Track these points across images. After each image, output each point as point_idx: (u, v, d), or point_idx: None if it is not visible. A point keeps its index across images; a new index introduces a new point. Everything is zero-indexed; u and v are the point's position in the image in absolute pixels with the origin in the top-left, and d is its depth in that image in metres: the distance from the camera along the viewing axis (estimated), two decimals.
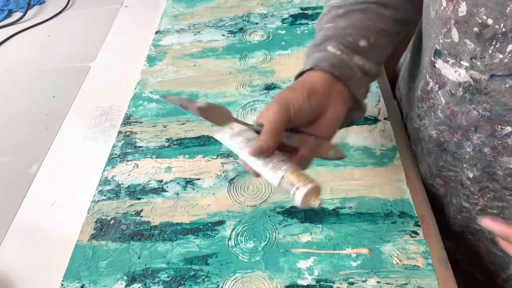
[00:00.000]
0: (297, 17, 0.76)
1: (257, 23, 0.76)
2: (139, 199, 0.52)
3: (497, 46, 0.34)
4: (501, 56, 0.35)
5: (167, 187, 0.53)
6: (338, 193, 0.49)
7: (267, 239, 0.46)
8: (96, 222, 0.50)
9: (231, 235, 0.47)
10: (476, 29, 0.35)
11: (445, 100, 0.43)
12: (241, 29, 0.76)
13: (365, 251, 0.43)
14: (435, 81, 0.44)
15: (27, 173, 0.59)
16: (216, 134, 0.40)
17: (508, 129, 0.38)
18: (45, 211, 0.54)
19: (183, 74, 0.68)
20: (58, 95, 0.72)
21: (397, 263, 0.42)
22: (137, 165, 0.56)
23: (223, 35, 0.75)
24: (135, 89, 0.67)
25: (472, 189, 0.46)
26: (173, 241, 0.47)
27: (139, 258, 0.46)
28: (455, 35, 0.37)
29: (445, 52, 0.40)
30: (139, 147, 0.58)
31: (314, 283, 0.42)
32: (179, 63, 0.71)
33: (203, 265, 0.45)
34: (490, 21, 0.34)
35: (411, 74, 0.54)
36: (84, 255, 0.47)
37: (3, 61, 0.82)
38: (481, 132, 0.41)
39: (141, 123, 0.61)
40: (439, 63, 0.41)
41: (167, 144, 0.58)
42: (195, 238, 0.47)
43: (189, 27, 0.78)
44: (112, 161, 0.57)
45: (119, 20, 0.88)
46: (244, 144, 0.37)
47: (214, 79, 0.67)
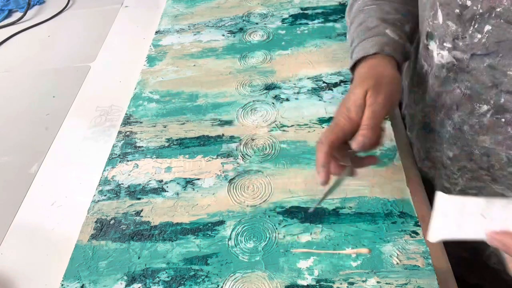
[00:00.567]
0: (297, 17, 0.76)
1: (257, 23, 0.76)
2: (139, 199, 0.52)
3: (475, 26, 0.36)
4: (479, 36, 0.37)
5: (167, 187, 0.53)
6: (338, 193, 0.49)
7: (267, 239, 0.46)
8: (96, 222, 0.50)
9: (231, 235, 0.47)
10: (457, 11, 0.37)
11: (432, 81, 0.45)
12: (241, 29, 0.76)
13: (365, 251, 0.43)
14: (428, 63, 0.46)
15: (27, 173, 0.59)
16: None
17: (484, 107, 0.40)
18: (45, 211, 0.54)
19: (183, 74, 0.68)
20: (58, 95, 0.72)
21: (397, 263, 0.42)
22: (137, 165, 0.56)
23: (223, 35, 0.75)
24: (135, 89, 0.67)
25: (452, 169, 0.48)
26: (173, 241, 0.47)
27: (139, 258, 0.46)
28: (440, 18, 0.40)
29: (435, 33, 0.42)
30: (139, 147, 0.58)
31: (314, 283, 0.42)
32: (179, 63, 0.71)
33: (203, 265, 0.45)
34: (469, 2, 0.36)
35: (412, 62, 0.55)
36: (84, 255, 0.47)
37: (3, 61, 0.82)
38: (462, 110, 0.43)
39: (141, 123, 0.61)
40: (431, 45, 0.43)
41: (167, 144, 0.58)
42: (195, 238, 0.47)
43: (189, 27, 0.78)
44: (112, 161, 0.57)
45: (119, 20, 0.88)
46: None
47: (214, 79, 0.67)
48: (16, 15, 0.94)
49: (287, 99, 0.61)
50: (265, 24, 0.76)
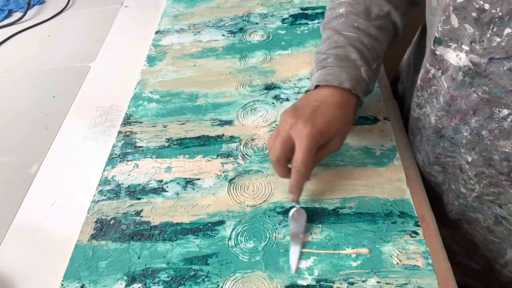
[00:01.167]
0: (297, 17, 0.76)
1: (257, 23, 0.76)
2: (139, 199, 0.52)
3: (494, 30, 0.36)
4: (498, 39, 0.36)
5: (167, 187, 0.53)
6: (338, 193, 0.49)
7: (267, 239, 0.46)
8: (96, 222, 0.50)
9: (231, 235, 0.47)
10: (474, 14, 0.36)
11: (447, 84, 0.44)
12: (241, 29, 0.76)
13: (365, 251, 0.43)
14: (437, 67, 0.45)
15: (27, 173, 0.59)
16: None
17: (504, 112, 0.39)
18: (45, 211, 0.54)
19: (183, 74, 0.68)
20: (58, 95, 0.72)
21: (397, 263, 0.42)
22: (137, 165, 0.56)
23: (223, 35, 0.75)
24: (135, 89, 0.67)
25: (469, 173, 0.47)
26: (173, 241, 0.47)
27: (139, 258, 0.46)
28: (455, 21, 0.39)
29: (446, 38, 0.41)
30: (139, 147, 0.58)
31: (314, 283, 0.42)
32: (179, 63, 0.71)
33: (203, 265, 0.45)
34: (487, 6, 0.35)
35: (415, 66, 0.55)
36: (84, 255, 0.47)
37: (3, 61, 0.82)
38: (480, 115, 0.42)
39: (141, 123, 0.61)
40: (440, 50, 0.43)
41: (167, 144, 0.58)
42: (195, 238, 0.47)
43: (189, 27, 0.78)
44: (112, 161, 0.57)
45: (119, 20, 0.88)
46: None
47: (214, 79, 0.67)
48: (16, 15, 0.94)
49: (287, 99, 0.61)
50: (265, 24, 0.76)
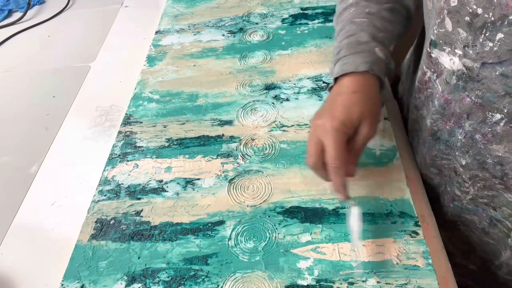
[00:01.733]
0: (297, 17, 0.76)
1: (257, 23, 0.76)
2: (139, 199, 0.52)
3: (487, 34, 0.36)
4: (491, 44, 0.36)
5: (167, 187, 0.53)
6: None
7: (267, 239, 0.46)
8: (96, 222, 0.50)
9: (231, 235, 0.47)
10: (467, 18, 0.36)
11: (442, 88, 0.44)
12: (241, 29, 0.76)
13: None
14: (432, 70, 0.45)
15: (27, 173, 0.59)
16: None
17: (497, 116, 0.39)
18: (45, 211, 0.54)
19: (183, 74, 0.68)
20: (58, 95, 0.72)
21: (397, 263, 0.42)
22: (137, 165, 0.56)
23: (223, 35, 0.75)
24: (135, 89, 0.67)
25: (463, 177, 0.47)
26: (173, 241, 0.47)
27: (139, 258, 0.46)
28: (449, 25, 0.39)
29: (440, 41, 0.41)
30: (139, 147, 0.58)
31: (314, 283, 0.42)
32: (179, 63, 0.71)
33: (203, 265, 0.45)
34: (479, 11, 0.35)
35: (414, 67, 0.55)
36: (84, 255, 0.47)
37: (3, 61, 0.82)
38: (473, 119, 0.42)
39: (141, 123, 0.61)
40: (435, 53, 0.43)
41: (167, 144, 0.58)
42: (195, 238, 0.47)
43: (189, 27, 0.78)
44: (112, 161, 0.57)
45: (119, 20, 0.88)
46: None
47: (214, 79, 0.67)
48: (16, 15, 0.94)
49: (287, 99, 0.61)
50: (265, 24, 0.76)
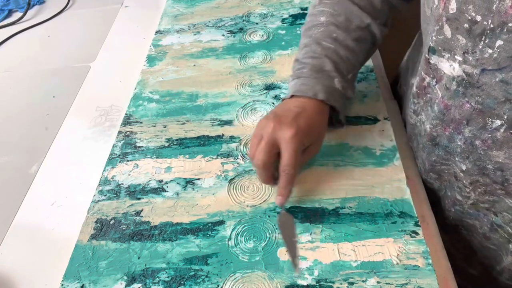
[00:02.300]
0: (297, 17, 0.76)
1: (257, 23, 0.76)
2: (139, 199, 0.52)
3: (486, 41, 0.36)
4: (490, 51, 0.36)
5: (167, 187, 0.53)
6: (338, 193, 0.49)
7: (267, 239, 0.46)
8: (96, 222, 0.50)
9: (231, 235, 0.47)
10: (466, 25, 0.36)
11: (441, 93, 0.44)
12: (241, 29, 0.76)
13: None
14: (431, 76, 0.45)
15: (27, 173, 0.59)
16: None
17: (497, 122, 0.39)
18: (45, 211, 0.54)
19: (183, 74, 0.68)
20: (58, 95, 0.72)
21: (397, 263, 0.42)
22: (137, 165, 0.56)
23: (223, 35, 0.75)
24: (135, 89, 0.67)
25: (464, 182, 0.47)
26: (173, 241, 0.47)
27: (139, 258, 0.46)
28: (448, 32, 0.39)
29: (439, 48, 0.41)
30: (139, 147, 0.58)
31: (314, 283, 0.42)
32: (179, 63, 0.71)
33: (203, 265, 0.45)
34: (478, 18, 0.35)
35: (412, 71, 0.55)
36: (84, 255, 0.47)
37: (3, 61, 0.82)
38: (473, 125, 0.42)
39: (141, 123, 0.61)
40: (434, 59, 0.43)
41: (167, 144, 0.58)
42: (195, 238, 0.47)
43: (189, 27, 0.78)
44: (112, 161, 0.57)
45: (119, 20, 0.88)
46: None
47: (214, 79, 0.67)
48: (16, 15, 0.94)
49: None
50: (265, 24, 0.76)
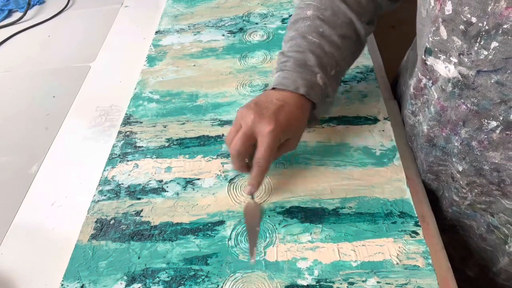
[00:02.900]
0: None
1: (257, 23, 0.76)
2: (139, 199, 0.52)
3: (481, 43, 0.36)
4: (485, 52, 0.36)
5: (167, 187, 0.53)
6: (338, 193, 0.49)
7: (267, 239, 0.46)
8: (96, 222, 0.50)
9: (231, 235, 0.47)
10: (462, 27, 0.37)
11: (437, 95, 0.44)
12: (241, 29, 0.76)
13: None
14: (428, 77, 0.45)
15: (27, 173, 0.59)
16: None
17: (493, 123, 0.39)
18: (45, 211, 0.54)
19: (183, 74, 0.68)
20: (58, 95, 0.72)
21: (397, 263, 0.42)
22: (137, 165, 0.56)
23: (223, 35, 0.75)
24: (135, 89, 0.67)
25: (461, 183, 0.47)
26: (173, 241, 0.47)
27: (139, 258, 0.46)
28: (444, 33, 0.39)
29: (436, 49, 0.41)
30: (139, 147, 0.58)
31: (314, 283, 0.42)
32: (179, 63, 0.71)
33: (203, 265, 0.45)
34: (474, 19, 0.35)
35: (410, 72, 0.55)
36: (84, 255, 0.47)
37: (3, 61, 0.82)
38: (469, 126, 0.42)
39: (141, 123, 0.61)
40: (431, 60, 0.43)
41: (167, 144, 0.58)
42: (195, 238, 0.47)
43: (189, 27, 0.78)
44: (112, 161, 0.57)
45: (119, 20, 0.88)
46: None
47: (214, 79, 0.67)
48: (16, 15, 0.94)
49: None
50: (265, 24, 0.76)
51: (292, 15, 0.56)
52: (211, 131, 0.58)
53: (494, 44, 0.35)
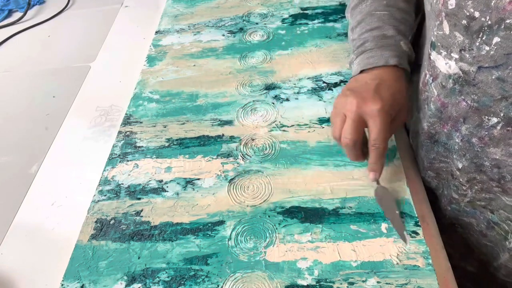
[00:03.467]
0: (297, 17, 0.76)
1: (257, 23, 0.76)
2: (139, 199, 0.52)
3: (483, 38, 0.36)
4: (487, 48, 0.36)
5: (167, 187, 0.53)
6: (338, 193, 0.49)
7: (267, 239, 0.46)
8: (96, 222, 0.50)
9: (231, 235, 0.47)
10: (464, 22, 0.36)
11: (437, 92, 0.44)
12: (241, 29, 0.76)
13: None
14: (430, 73, 0.45)
15: (27, 173, 0.59)
16: None
17: (494, 120, 0.39)
18: (45, 211, 0.54)
19: (183, 74, 0.68)
20: (58, 95, 0.72)
21: (397, 263, 0.42)
22: (137, 165, 0.56)
23: (223, 35, 0.75)
24: (135, 89, 0.67)
25: (461, 180, 0.47)
26: (173, 241, 0.47)
27: (139, 258, 0.46)
28: (446, 28, 0.39)
29: (439, 44, 0.41)
30: (139, 147, 0.58)
31: (314, 283, 0.42)
32: (179, 63, 0.71)
33: (203, 265, 0.45)
34: (477, 14, 0.35)
35: (413, 68, 0.55)
36: (84, 255, 0.47)
37: (3, 61, 0.82)
38: (469, 122, 0.42)
39: (141, 123, 0.61)
40: (433, 55, 0.43)
41: (167, 144, 0.58)
42: (195, 238, 0.47)
43: (189, 27, 0.78)
44: (112, 161, 0.57)
45: (119, 20, 0.88)
46: None
47: (214, 79, 0.67)
48: (16, 15, 0.94)
49: (287, 99, 0.61)
50: (265, 24, 0.76)
51: (349, 3, 0.56)
52: (211, 131, 0.58)
53: (496, 39, 0.35)
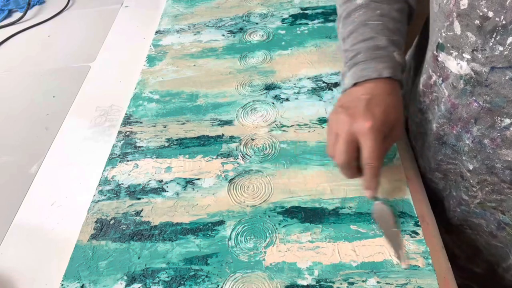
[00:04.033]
0: (297, 17, 0.76)
1: (257, 23, 0.76)
2: (139, 199, 0.52)
3: (497, 38, 0.35)
4: (501, 48, 0.35)
5: (167, 187, 0.53)
6: (338, 193, 0.49)
7: (267, 239, 0.46)
8: (96, 222, 0.50)
9: (231, 235, 0.47)
10: (477, 22, 0.36)
11: (448, 92, 0.44)
12: (241, 29, 0.76)
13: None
14: (438, 74, 0.45)
15: (27, 173, 0.59)
16: None
17: (507, 121, 0.39)
18: (45, 211, 0.54)
19: (183, 74, 0.68)
20: (58, 95, 0.72)
21: (397, 263, 0.42)
22: (137, 165, 0.56)
23: (223, 35, 0.75)
24: (135, 89, 0.67)
25: (471, 181, 0.47)
26: (173, 241, 0.47)
27: (139, 258, 0.46)
28: (457, 28, 0.38)
29: (448, 45, 0.41)
30: (139, 147, 0.58)
31: (314, 283, 0.42)
32: (179, 63, 0.71)
33: (203, 265, 0.45)
34: (490, 14, 0.34)
35: (416, 70, 0.55)
36: (84, 255, 0.47)
37: (3, 61, 0.82)
38: (481, 124, 0.41)
39: (141, 123, 0.61)
40: (442, 56, 0.42)
41: (167, 144, 0.58)
42: (195, 238, 0.47)
43: (189, 27, 0.78)
44: (112, 161, 0.57)
45: (119, 20, 0.88)
46: None
47: (214, 79, 0.67)
48: (16, 15, 0.94)
49: (287, 99, 0.61)
50: (265, 24, 0.76)
51: (339, 12, 0.54)
52: (211, 131, 0.58)
53: (510, 39, 0.34)
